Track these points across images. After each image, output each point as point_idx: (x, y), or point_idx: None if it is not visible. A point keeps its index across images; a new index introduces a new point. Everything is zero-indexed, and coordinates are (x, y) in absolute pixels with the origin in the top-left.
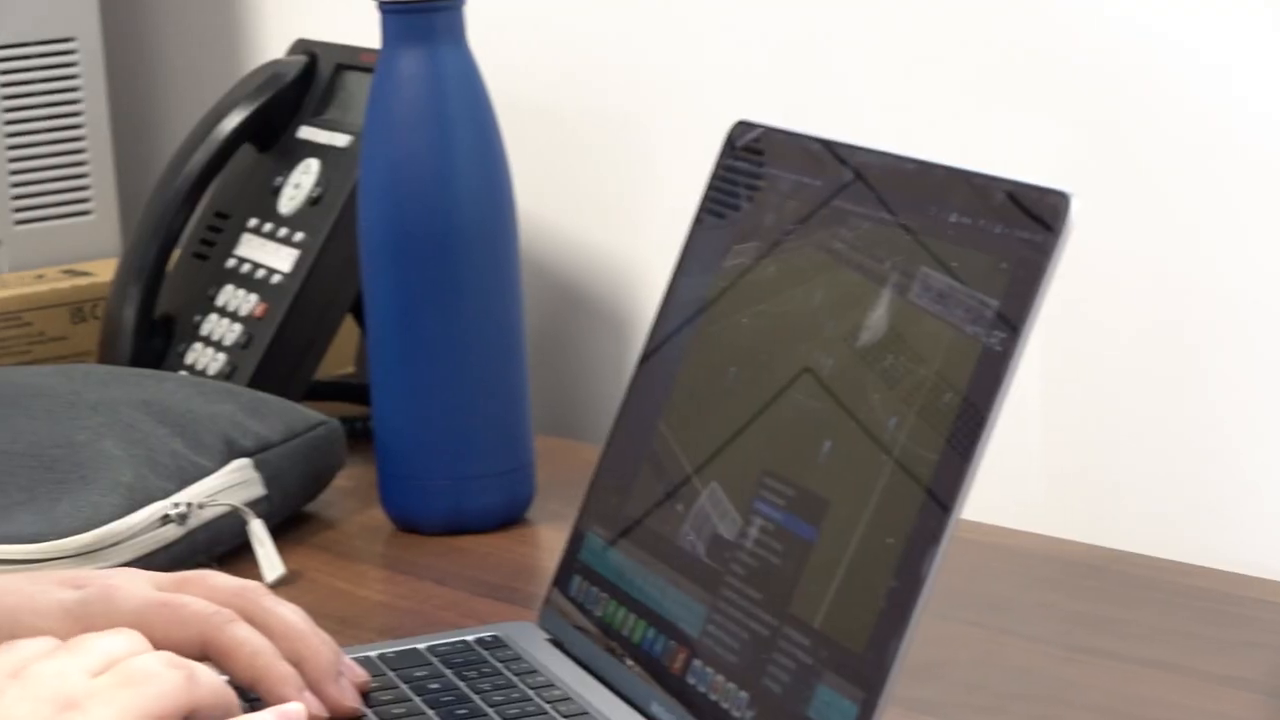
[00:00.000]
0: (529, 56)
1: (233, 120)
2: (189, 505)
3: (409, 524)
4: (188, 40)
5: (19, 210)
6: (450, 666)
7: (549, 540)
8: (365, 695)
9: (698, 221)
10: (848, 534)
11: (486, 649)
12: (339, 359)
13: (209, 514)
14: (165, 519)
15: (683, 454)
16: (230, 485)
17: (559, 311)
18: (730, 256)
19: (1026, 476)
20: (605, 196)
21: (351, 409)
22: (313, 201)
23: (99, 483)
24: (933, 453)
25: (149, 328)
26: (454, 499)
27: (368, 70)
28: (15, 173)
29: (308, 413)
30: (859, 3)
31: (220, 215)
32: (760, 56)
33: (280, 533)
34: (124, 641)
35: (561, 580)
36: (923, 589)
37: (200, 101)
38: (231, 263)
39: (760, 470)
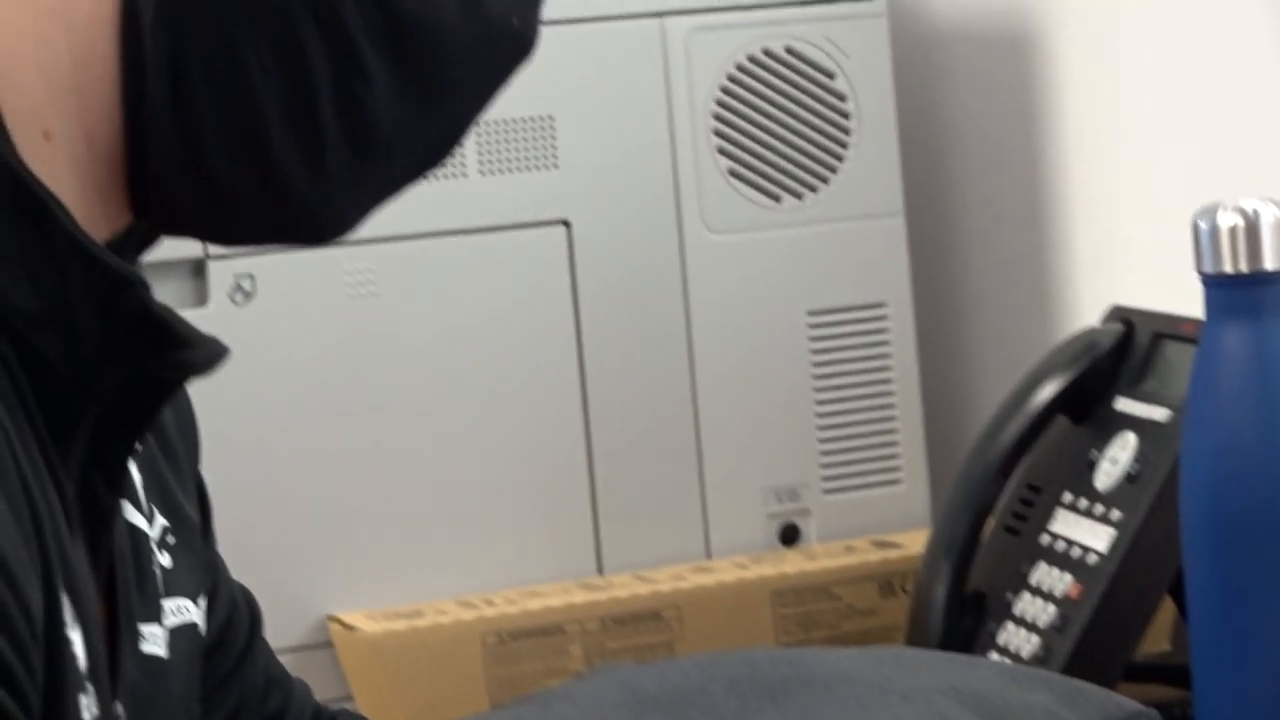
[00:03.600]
0: None
1: (1047, 391)
2: None
3: None
4: (999, 306)
5: (828, 479)
6: None
7: None
8: None
9: None
10: None
11: None
12: (1153, 634)
13: None
14: None
15: None
16: None
17: None
18: None
19: None
20: None
21: (1167, 692)
22: (1130, 478)
23: None
24: None
25: (959, 605)
26: None
27: (1189, 340)
28: (824, 440)
29: (1125, 702)
30: None
31: (1032, 488)
32: None
33: None
34: None
35: None
36: None
37: (1010, 369)
38: (1045, 539)
39: None
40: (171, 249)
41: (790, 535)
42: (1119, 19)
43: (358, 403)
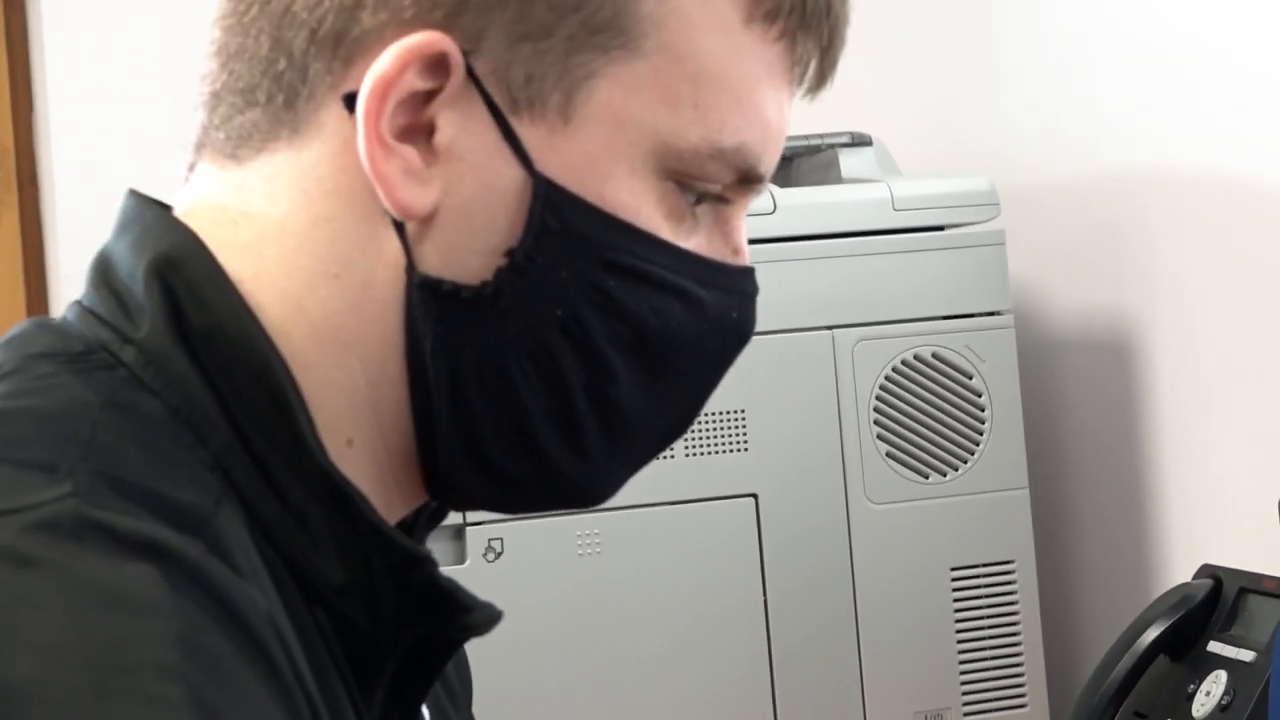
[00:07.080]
0: None
1: (1150, 634)
2: None
3: None
4: (1107, 564)
5: (968, 703)
6: None
7: None
8: None
9: None
10: None
11: None
12: None
13: None
14: None
15: None
16: None
17: None
18: None
19: None
20: None
21: None
22: (1222, 708)
23: None
24: None
25: None
26: None
27: (1269, 595)
28: (964, 671)
29: None
30: None
31: (1139, 715)
32: None
33: None
34: None
35: None
36: None
37: (1117, 615)
38: None
39: None
40: None
41: None
42: (1203, 327)
43: (584, 645)
